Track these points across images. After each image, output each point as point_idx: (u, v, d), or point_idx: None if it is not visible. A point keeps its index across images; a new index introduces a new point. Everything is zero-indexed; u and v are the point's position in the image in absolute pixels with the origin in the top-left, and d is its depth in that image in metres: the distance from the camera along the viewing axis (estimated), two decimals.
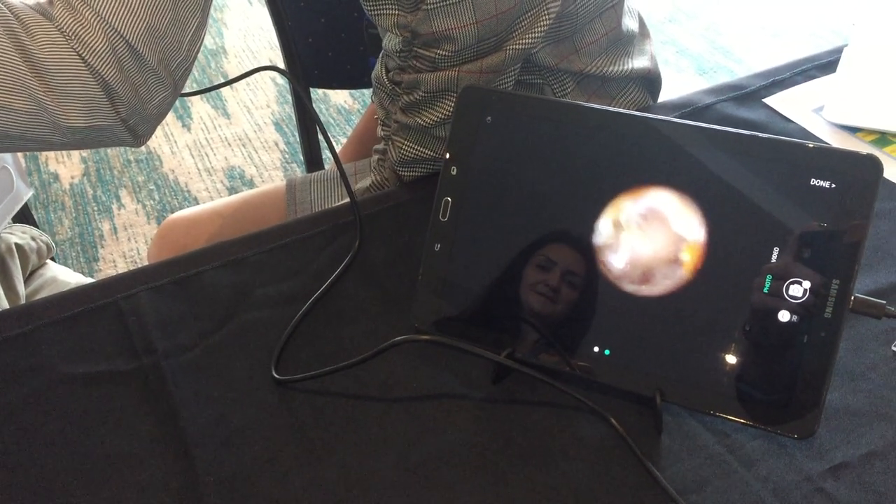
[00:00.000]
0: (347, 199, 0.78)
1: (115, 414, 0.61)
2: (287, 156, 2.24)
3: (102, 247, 1.98)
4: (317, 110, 2.42)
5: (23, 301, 0.92)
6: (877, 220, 0.73)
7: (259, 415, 0.60)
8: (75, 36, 0.61)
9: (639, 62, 0.88)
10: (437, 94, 0.76)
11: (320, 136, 1.39)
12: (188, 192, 2.14)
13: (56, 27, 0.62)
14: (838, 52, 0.93)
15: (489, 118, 0.63)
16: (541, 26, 0.73)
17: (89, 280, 1.01)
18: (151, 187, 2.16)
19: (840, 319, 0.53)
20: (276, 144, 2.29)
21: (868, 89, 0.86)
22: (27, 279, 0.96)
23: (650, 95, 0.91)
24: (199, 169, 2.21)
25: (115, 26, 0.62)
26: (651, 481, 0.55)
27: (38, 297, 0.94)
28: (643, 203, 0.58)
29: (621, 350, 0.58)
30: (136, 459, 0.58)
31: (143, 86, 0.65)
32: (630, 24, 0.87)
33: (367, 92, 2.41)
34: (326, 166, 1.39)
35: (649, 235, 0.58)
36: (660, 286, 0.57)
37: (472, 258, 0.63)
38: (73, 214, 2.07)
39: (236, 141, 2.31)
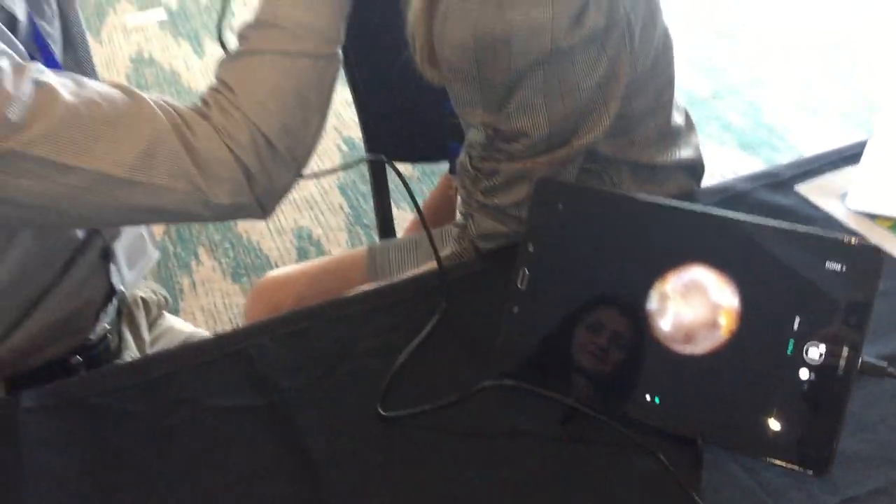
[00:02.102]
0: (426, 265, 0.91)
1: (247, 438, 0.74)
2: (351, 218, 2.40)
3: (183, 300, 2.14)
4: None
5: (147, 348, 1.06)
6: (886, 295, 0.84)
7: (368, 444, 0.73)
8: (227, 133, 0.76)
9: (685, 152, 1.01)
10: (514, 180, 0.89)
11: (392, 204, 1.54)
12: (260, 250, 2.30)
13: (211, 125, 0.77)
14: (863, 145, 1.05)
15: (561, 205, 0.76)
16: (602, 125, 0.87)
17: (200, 331, 1.15)
18: (227, 246, 2.32)
19: (850, 378, 0.65)
20: (341, 207, 2.45)
21: (887, 178, 0.98)
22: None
23: (694, 181, 1.04)
24: (270, 230, 2.38)
25: (258, 125, 0.77)
26: None
27: (159, 344, 1.08)
28: (687, 277, 0.71)
29: (669, 399, 0.71)
30: (267, 476, 0.71)
31: (275, 171, 0.80)
32: (678, 118, 1.00)
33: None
34: (398, 233, 1.54)
35: (692, 304, 0.71)
36: (700, 346, 0.70)
37: (545, 320, 0.76)
38: (156, 270, 2.24)
39: (304, 203, 2.48)
